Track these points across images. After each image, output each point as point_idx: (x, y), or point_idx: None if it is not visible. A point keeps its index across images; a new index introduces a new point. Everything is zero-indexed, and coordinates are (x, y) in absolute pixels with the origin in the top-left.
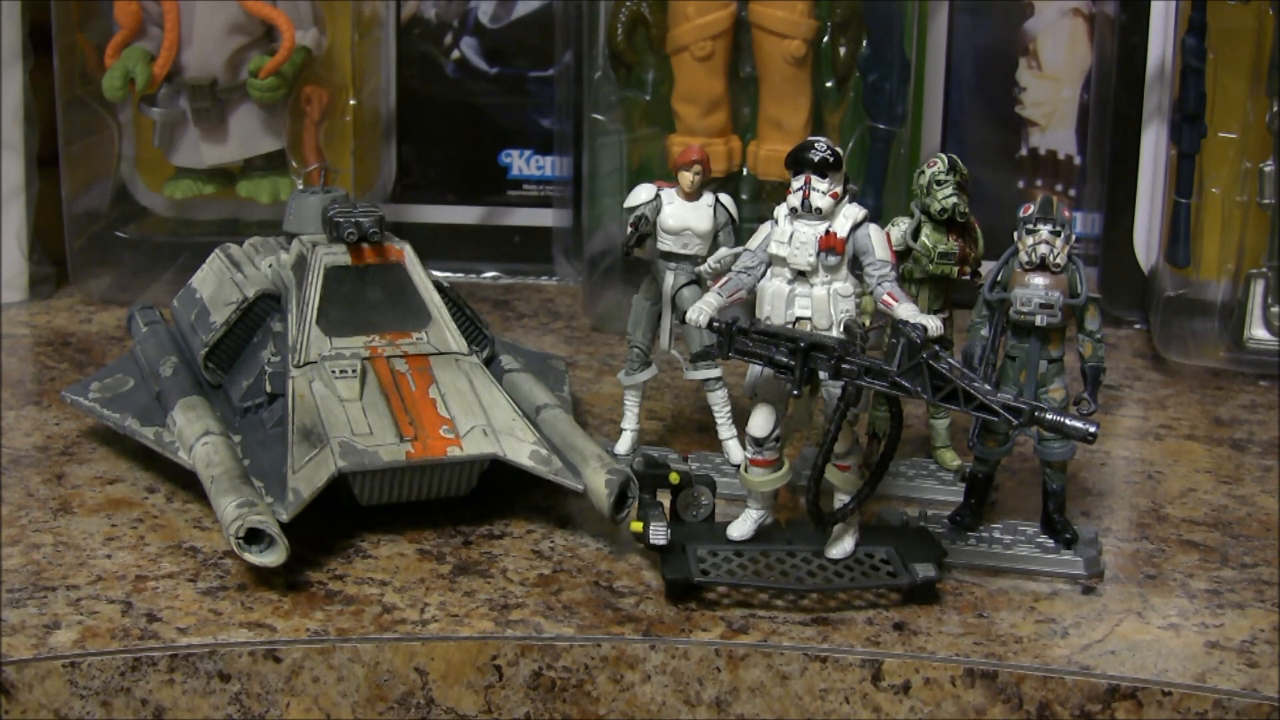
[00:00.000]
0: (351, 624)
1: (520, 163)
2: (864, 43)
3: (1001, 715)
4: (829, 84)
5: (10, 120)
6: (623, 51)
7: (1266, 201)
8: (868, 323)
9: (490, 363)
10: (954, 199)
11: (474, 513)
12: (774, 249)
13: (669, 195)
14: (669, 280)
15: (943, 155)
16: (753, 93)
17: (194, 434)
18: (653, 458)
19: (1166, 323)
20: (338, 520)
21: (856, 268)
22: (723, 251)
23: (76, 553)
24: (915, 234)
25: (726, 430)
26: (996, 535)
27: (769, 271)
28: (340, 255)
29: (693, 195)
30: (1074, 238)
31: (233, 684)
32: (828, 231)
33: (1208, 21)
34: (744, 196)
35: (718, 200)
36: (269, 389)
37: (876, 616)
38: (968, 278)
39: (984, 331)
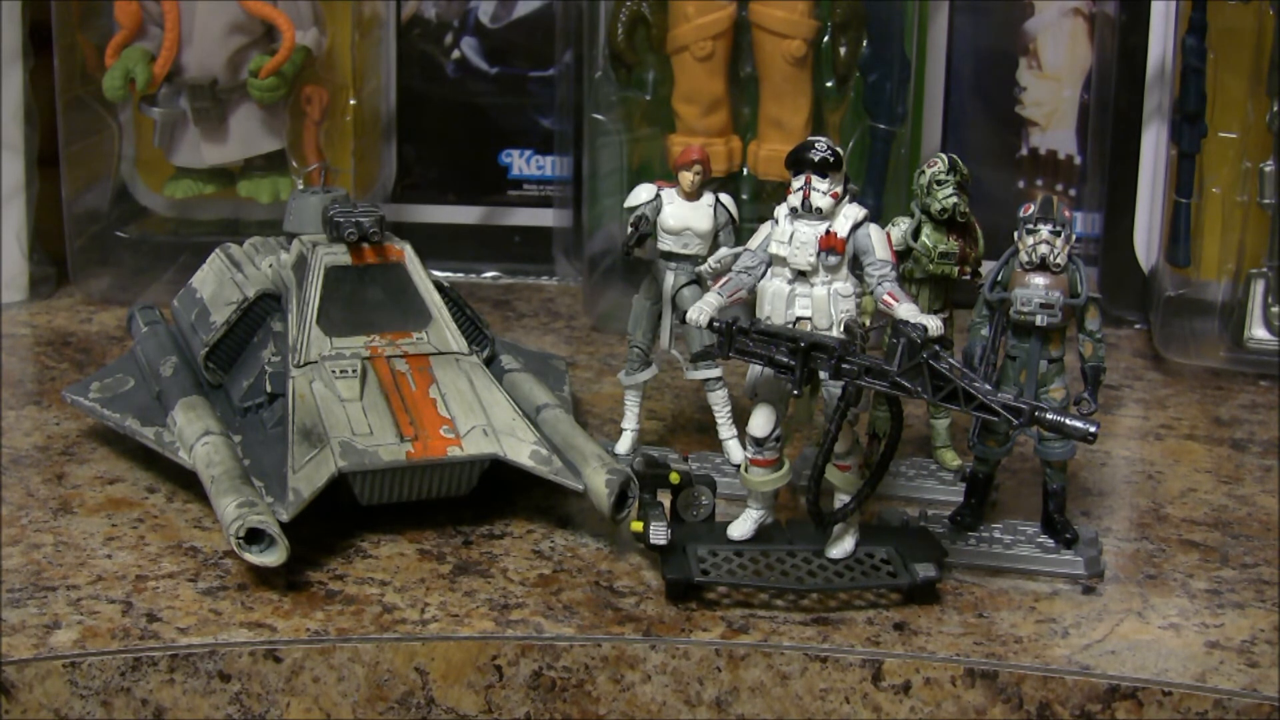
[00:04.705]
0: (352, 624)
1: (520, 163)
2: (864, 43)
3: (1001, 715)
4: (829, 84)
5: (10, 120)
6: (623, 51)
7: (1266, 201)
8: (868, 323)
9: (490, 363)
10: (954, 199)
11: (474, 513)
12: (774, 249)
13: (669, 195)
14: (669, 280)
15: (943, 155)
16: (753, 93)
17: (194, 434)
18: (653, 458)
19: (1167, 323)
20: (338, 520)
21: (857, 268)
22: (723, 251)
23: (77, 553)
24: (915, 234)
25: (727, 430)
26: (997, 535)
27: (769, 271)
28: (340, 255)
29: (693, 195)
30: (1074, 238)
31: (233, 684)
32: (828, 231)
33: (1208, 21)
34: (744, 196)
35: (718, 200)
36: (269, 389)
37: (877, 616)
38: (968, 278)
39: (984, 331)
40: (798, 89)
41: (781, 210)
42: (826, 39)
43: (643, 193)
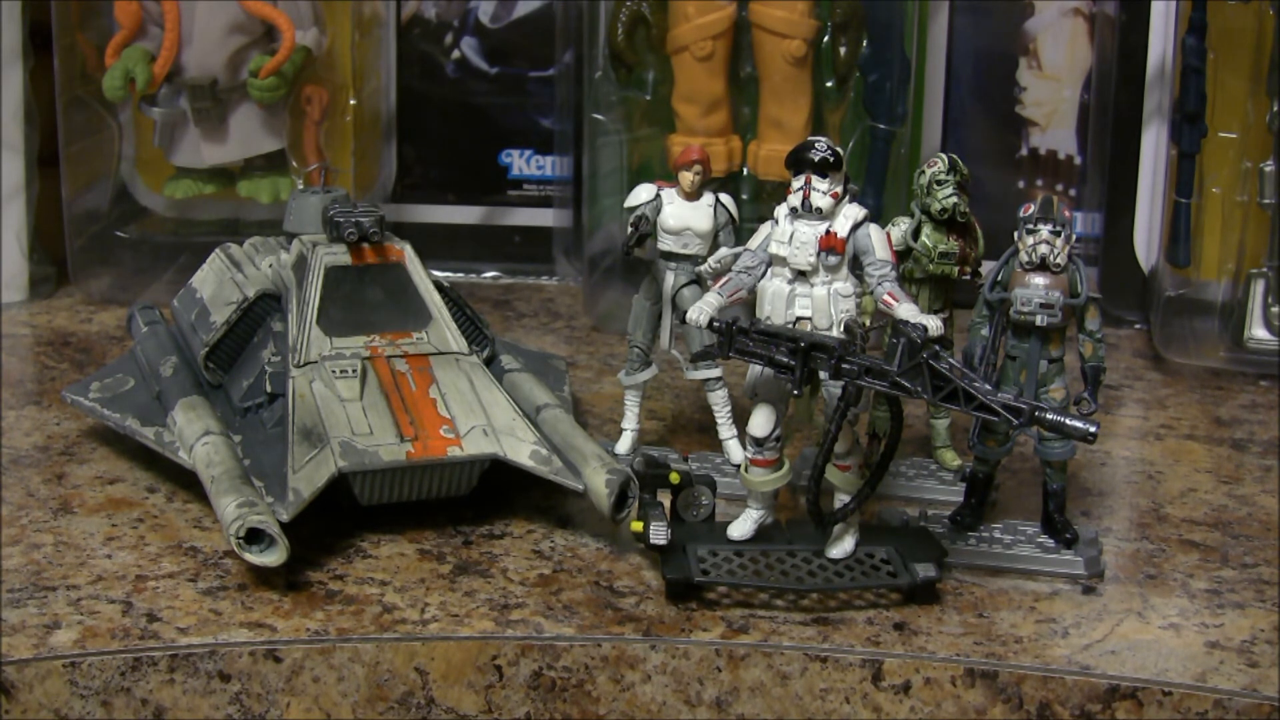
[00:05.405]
0: (352, 624)
1: (520, 163)
2: (864, 43)
3: (1002, 715)
4: (829, 84)
5: (10, 120)
6: (623, 51)
7: (1266, 201)
8: (868, 323)
9: (490, 363)
10: (954, 199)
11: (474, 513)
12: (774, 249)
13: (669, 195)
14: (669, 280)
15: (943, 155)
16: (753, 93)
17: (194, 434)
18: (653, 458)
19: (1167, 323)
20: (338, 520)
21: (857, 268)
22: (723, 251)
23: (77, 553)
24: (915, 234)
25: (727, 430)
26: (996, 535)
27: (769, 271)
28: (340, 255)
29: (693, 195)
30: (1074, 237)
31: (233, 684)
32: (828, 231)
33: (1208, 21)
34: (744, 196)
35: (718, 200)
36: (269, 389)
37: (877, 616)
38: (968, 278)
39: (984, 331)
40: (798, 89)
41: (781, 210)
42: (826, 39)
43: (643, 193)
